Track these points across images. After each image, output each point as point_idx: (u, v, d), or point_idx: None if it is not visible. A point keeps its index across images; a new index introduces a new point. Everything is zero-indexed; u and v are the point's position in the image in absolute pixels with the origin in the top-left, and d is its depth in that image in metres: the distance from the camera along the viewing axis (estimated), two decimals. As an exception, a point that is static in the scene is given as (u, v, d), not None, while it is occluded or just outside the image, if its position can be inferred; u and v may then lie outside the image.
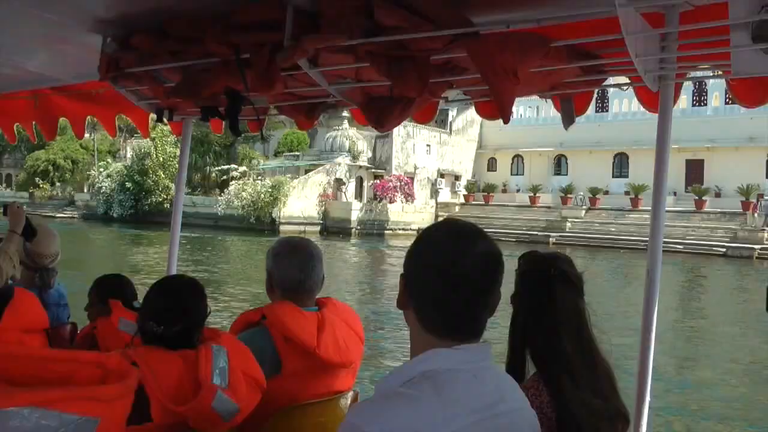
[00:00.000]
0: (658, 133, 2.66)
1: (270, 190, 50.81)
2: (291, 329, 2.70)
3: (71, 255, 26.10)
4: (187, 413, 2.29)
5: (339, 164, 54.59)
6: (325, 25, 2.38)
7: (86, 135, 5.10)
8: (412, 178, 55.92)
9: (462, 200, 59.09)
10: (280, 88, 2.75)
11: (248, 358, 2.54)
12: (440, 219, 55.98)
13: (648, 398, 2.57)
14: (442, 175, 59.72)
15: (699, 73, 2.78)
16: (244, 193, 51.65)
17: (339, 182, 54.38)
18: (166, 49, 2.81)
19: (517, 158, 61.15)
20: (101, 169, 63.61)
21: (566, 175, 57.59)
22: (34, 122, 4.67)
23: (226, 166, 58.85)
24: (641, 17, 2.22)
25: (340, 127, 55.38)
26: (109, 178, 61.66)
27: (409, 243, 1.75)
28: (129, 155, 67.03)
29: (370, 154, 57.17)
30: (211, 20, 2.61)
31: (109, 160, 67.29)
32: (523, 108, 58.95)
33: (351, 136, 55.52)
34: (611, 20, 2.12)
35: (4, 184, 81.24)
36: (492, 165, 62.85)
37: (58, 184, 71.46)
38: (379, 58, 2.39)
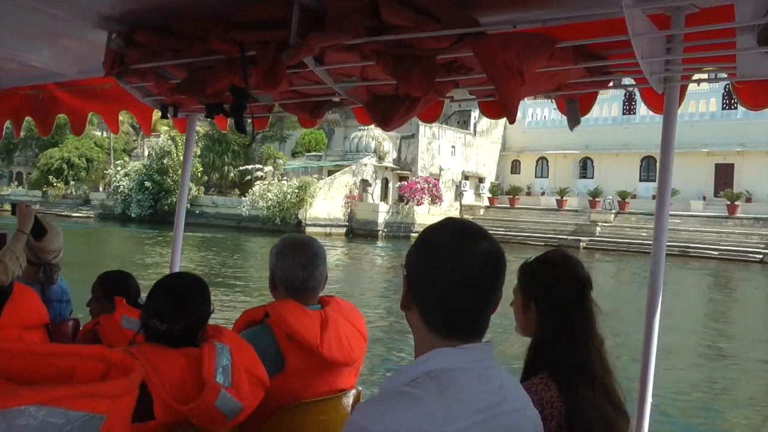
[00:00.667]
0: (663, 135, 2.67)
1: (296, 190, 49.66)
2: (294, 327, 2.70)
3: (89, 256, 25.71)
4: (191, 412, 2.28)
5: (365, 165, 53.63)
6: (330, 23, 2.39)
7: (100, 133, 5.09)
8: (438, 180, 54.92)
9: (486, 203, 58.06)
10: (286, 85, 2.76)
11: (251, 356, 2.54)
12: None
13: (650, 399, 2.58)
14: (466, 177, 58.57)
15: (704, 76, 2.77)
16: (269, 194, 50.57)
17: (365, 183, 53.26)
18: (171, 46, 2.82)
19: (542, 160, 60.03)
20: (119, 168, 62.30)
21: (592, 178, 56.60)
22: (27, 117, 4.67)
23: (250, 166, 57.75)
24: (647, 19, 2.22)
25: (365, 127, 53.67)
26: (126, 177, 60.45)
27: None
28: (146, 153, 65.73)
29: (395, 155, 55.98)
30: (216, 18, 2.62)
31: (126, 158, 66.19)
32: (548, 110, 58.03)
33: (377, 136, 54.25)
34: (617, 21, 2.13)
35: (15, 183, 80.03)
36: (516, 167, 61.92)
37: (72, 182, 70.23)
38: (385, 57, 2.39)
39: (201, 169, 57.86)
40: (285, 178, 53.24)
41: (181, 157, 46.12)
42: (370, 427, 1.40)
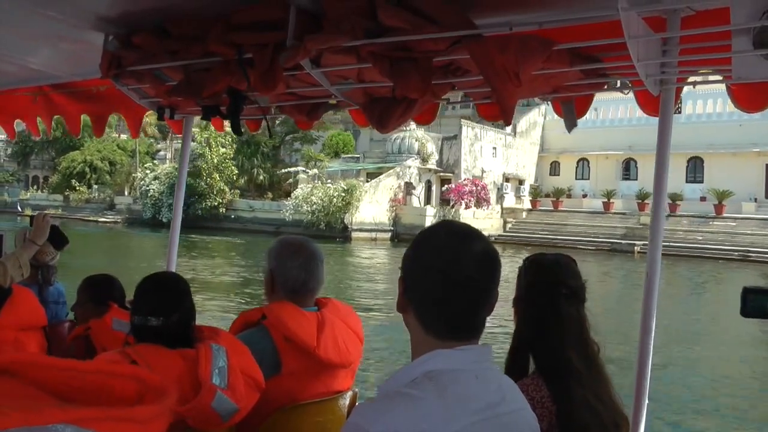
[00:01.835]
0: (658, 137, 2.67)
1: (342, 194, 47.33)
2: (291, 329, 2.69)
3: (126, 261, 25.13)
4: (187, 413, 2.28)
5: (409, 167, 51.59)
6: (328, 25, 2.39)
7: (117, 135, 5.05)
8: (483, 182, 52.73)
9: (526, 205, 55.33)
10: (282, 88, 2.76)
11: (247, 358, 2.54)
12: (508, 224, 51.28)
13: (646, 400, 2.59)
14: (507, 179, 55.80)
15: (700, 78, 2.78)
16: (313, 197, 48.10)
17: (409, 186, 51.46)
18: (168, 48, 2.82)
19: (582, 162, 57.52)
20: (147, 171, 60.20)
21: (636, 179, 53.48)
22: (38, 117, 4.67)
23: (292, 168, 55.69)
24: (643, 21, 2.23)
25: (408, 128, 50.83)
26: (156, 181, 57.82)
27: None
28: (168, 156, 63.98)
29: (436, 157, 53.99)
30: (213, 20, 2.62)
31: (155, 161, 64.38)
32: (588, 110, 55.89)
33: (420, 137, 52.46)
34: (613, 24, 2.13)
35: (34, 187, 78.05)
36: (555, 169, 59.50)
37: (95, 186, 68.09)
38: (382, 59, 2.39)
39: (236, 171, 56.05)
40: (329, 180, 50.81)
41: (215, 160, 44.69)
42: (368, 427, 1.41)
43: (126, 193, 66.37)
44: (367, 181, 50.02)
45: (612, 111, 53.36)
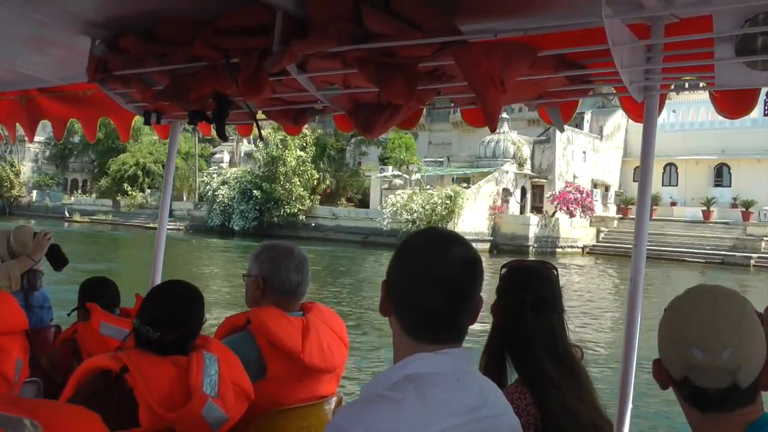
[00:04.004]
0: (642, 143, 2.69)
1: (447, 201, 43.88)
2: (276, 334, 2.69)
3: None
4: (176, 420, 2.27)
5: (506, 172, 48.44)
6: (313, 31, 2.40)
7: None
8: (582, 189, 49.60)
9: (614, 213, 51.95)
10: (269, 93, 2.76)
11: (237, 368, 2.53)
12: (601, 234, 48.67)
13: (630, 404, 2.59)
14: (595, 185, 52.93)
15: (683, 84, 2.81)
16: (413, 205, 44.47)
17: (506, 193, 48.42)
18: (154, 53, 2.81)
19: (670, 167, 53.67)
20: (214, 176, 56.81)
21: (729, 186, 50.69)
22: (17, 123, 4.64)
23: (389, 173, 51.59)
24: (627, 29, 2.25)
25: (502, 131, 48.26)
26: (225, 185, 54.32)
27: (578, 262, 1.65)
28: (226, 159, 61.12)
29: (530, 161, 51.32)
30: (200, 24, 2.62)
31: (221, 164, 60.59)
32: (676, 112, 52.75)
33: (516, 140, 49.85)
34: (597, 31, 2.15)
35: (78, 191, 74.95)
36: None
37: (148, 191, 63.62)
38: (367, 65, 2.40)
39: (316, 176, 52.66)
40: (429, 187, 47.30)
41: (293, 164, 42.42)
42: (350, 429, 1.42)
43: (185, 198, 62.23)
44: (467, 188, 46.65)
45: (702, 112, 50.04)
